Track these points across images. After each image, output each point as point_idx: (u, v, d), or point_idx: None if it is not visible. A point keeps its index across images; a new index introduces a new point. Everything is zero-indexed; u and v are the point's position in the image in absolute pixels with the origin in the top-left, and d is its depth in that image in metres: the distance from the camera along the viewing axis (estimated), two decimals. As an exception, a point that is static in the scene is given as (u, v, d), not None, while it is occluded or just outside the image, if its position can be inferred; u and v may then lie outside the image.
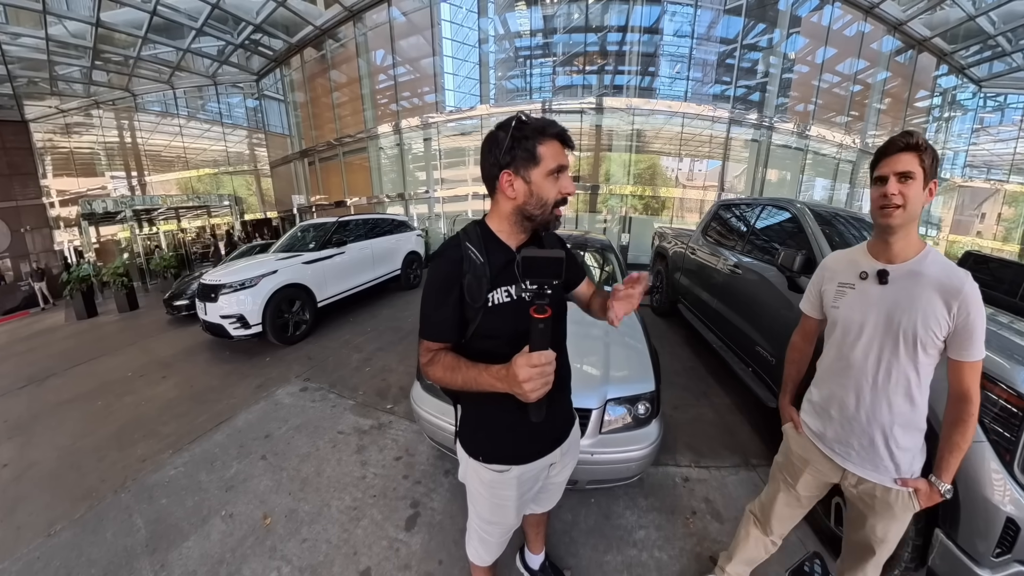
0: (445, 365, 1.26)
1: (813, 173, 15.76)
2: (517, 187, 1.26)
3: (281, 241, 7.77)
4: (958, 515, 1.87)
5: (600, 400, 2.58)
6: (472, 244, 1.29)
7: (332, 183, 18.97)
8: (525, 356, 1.08)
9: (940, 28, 14.54)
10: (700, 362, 5.37)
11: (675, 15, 14.42)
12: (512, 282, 1.32)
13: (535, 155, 1.22)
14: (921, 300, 1.39)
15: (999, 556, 1.78)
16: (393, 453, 3.43)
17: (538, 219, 1.30)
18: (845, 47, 14.96)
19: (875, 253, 1.54)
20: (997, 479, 1.81)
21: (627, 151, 14.63)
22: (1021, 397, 1.83)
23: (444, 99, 15.72)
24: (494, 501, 1.52)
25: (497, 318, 1.29)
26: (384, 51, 15.81)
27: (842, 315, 1.57)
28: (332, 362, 5.40)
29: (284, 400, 4.42)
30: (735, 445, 3.70)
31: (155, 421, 4.17)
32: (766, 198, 5.37)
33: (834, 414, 1.61)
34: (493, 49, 16.52)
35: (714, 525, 2.80)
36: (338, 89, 17.41)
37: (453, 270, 1.27)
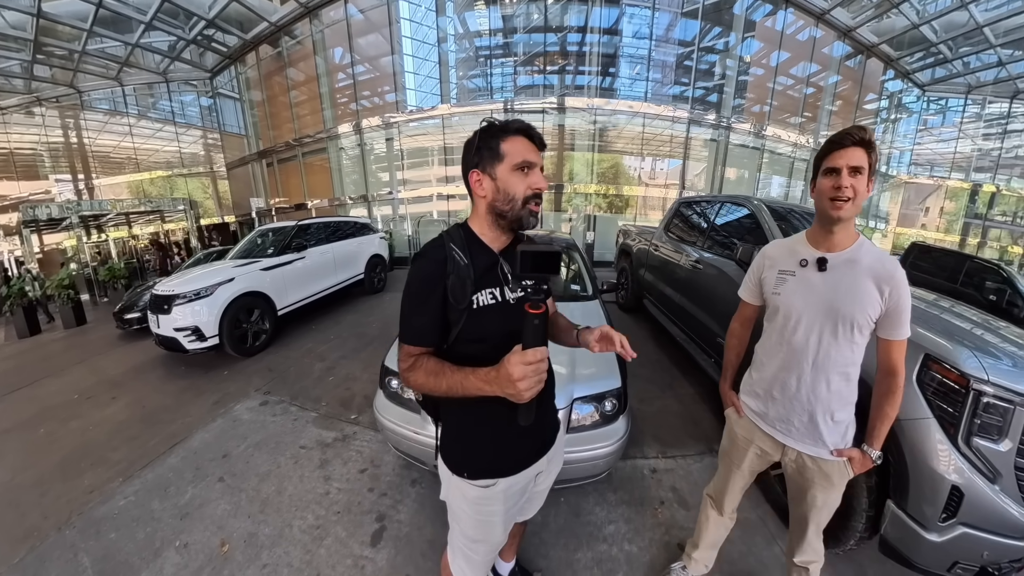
0: (428, 370, 1.21)
1: (770, 171, 16.33)
2: (485, 185, 1.26)
3: (238, 247, 7.40)
4: (907, 486, 2.03)
5: (567, 399, 2.57)
6: (456, 245, 1.27)
7: (292, 185, 18.40)
8: (519, 354, 1.06)
9: (887, 35, 15.34)
10: (665, 355, 5.50)
11: (633, 17, 14.66)
12: (497, 284, 1.30)
13: (499, 152, 1.22)
14: (858, 286, 1.49)
15: (945, 520, 1.94)
16: (358, 465, 3.32)
17: (509, 216, 1.27)
18: (798, 51, 15.50)
19: (814, 242, 1.62)
20: (943, 451, 1.97)
21: (590, 150, 14.84)
22: (963, 376, 1.98)
23: (405, 98, 15.55)
24: (479, 518, 1.45)
25: (482, 321, 1.26)
26: (342, 49, 15.46)
27: (783, 301, 1.64)
28: (294, 373, 5.16)
29: (243, 416, 4.16)
30: (699, 434, 3.82)
31: (104, 447, 3.84)
32: (725, 195, 5.52)
33: (776, 395, 1.69)
34: (453, 48, 16.44)
35: (681, 513, 2.87)
36: (296, 88, 16.92)
37: (436, 271, 1.23)
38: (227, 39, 16.51)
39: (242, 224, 20.90)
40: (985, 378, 1.96)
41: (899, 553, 2.09)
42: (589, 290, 4.21)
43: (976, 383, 1.96)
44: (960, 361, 2.03)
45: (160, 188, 21.21)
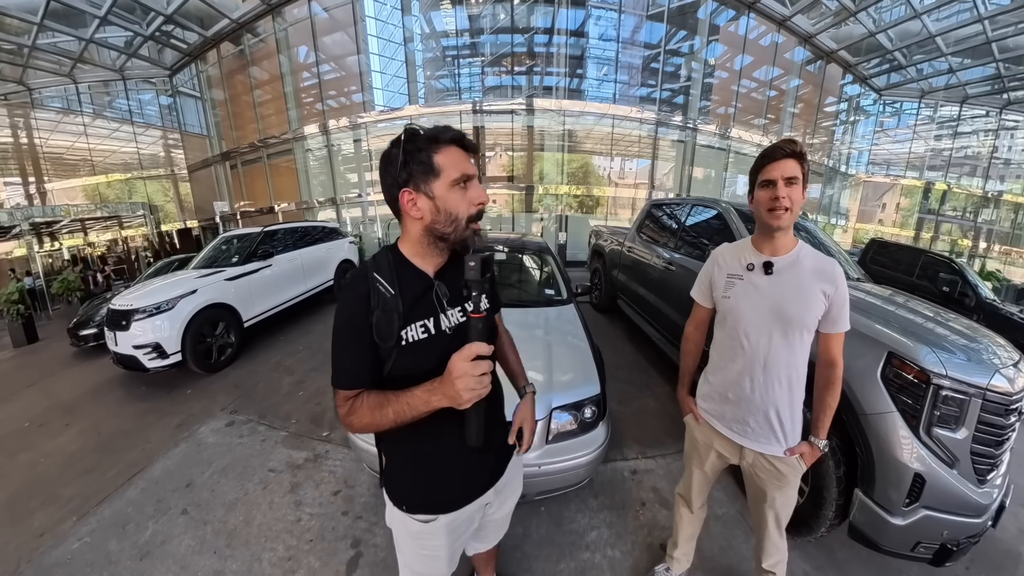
0: (370, 405, 1.11)
1: (735, 171, 16.69)
2: (421, 205, 1.12)
3: (201, 255, 6.97)
4: (874, 475, 2.18)
5: (545, 410, 2.50)
6: (381, 275, 1.15)
7: (257, 188, 17.84)
8: (459, 351, 1.04)
9: (845, 42, 15.93)
10: (641, 355, 5.55)
11: (600, 19, 14.80)
12: (431, 314, 1.19)
13: (433, 166, 1.09)
14: (803, 287, 1.56)
15: (908, 505, 2.09)
16: (331, 487, 3.15)
17: (452, 238, 1.16)
18: (761, 55, 15.91)
19: (759, 247, 1.67)
20: (906, 442, 2.11)
21: (559, 151, 14.88)
22: (923, 371, 2.12)
23: (373, 98, 15.31)
24: (422, 552, 1.39)
25: (414, 357, 1.15)
26: (307, 48, 15.11)
27: (732, 305, 1.68)
28: (262, 388, 4.88)
29: (208, 439, 3.89)
30: (677, 431, 3.75)
31: (56, 482, 3.50)
32: (694, 198, 5.61)
33: (731, 397, 1.73)
34: (420, 48, 16.25)
35: (663, 513, 2.89)
36: (259, 87, 16.44)
37: (360, 307, 1.12)
38: (187, 36, 15.96)
39: (205, 229, 19.79)
40: (944, 373, 2.10)
41: (867, 537, 2.21)
42: (564, 294, 4.16)
43: (936, 378, 2.10)
44: (921, 358, 2.16)
45: (118, 191, 20.30)
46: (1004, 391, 2.15)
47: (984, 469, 2.17)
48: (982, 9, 11.87)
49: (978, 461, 2.15)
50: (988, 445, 2.17)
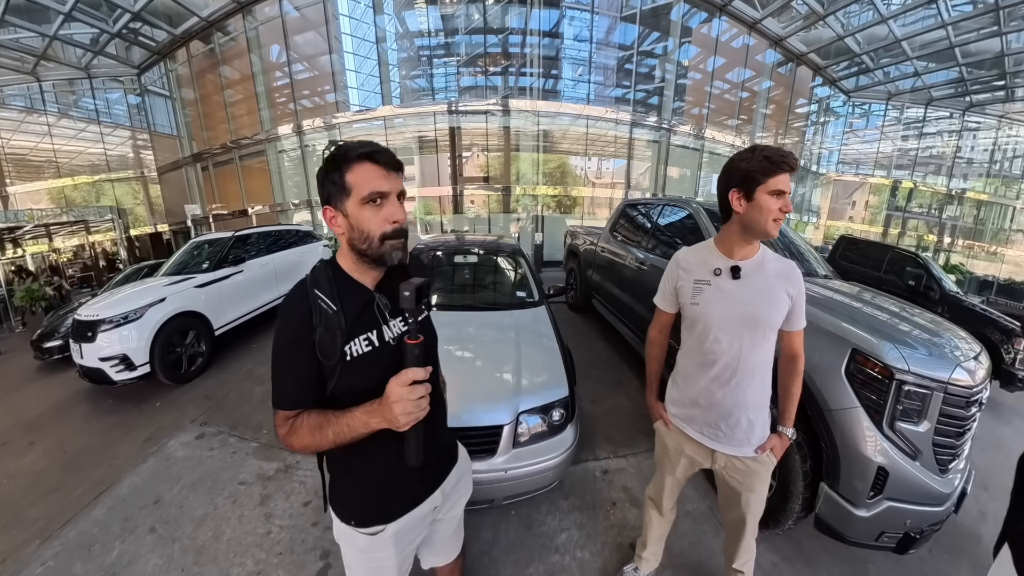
0: (311, 426, 1.09)
1: (710, 170, 16.94)
2: (340, 222, 1.12)
3: (171, 261, 6.68)
4: (839, 469, 2.23)
5: (512, 414, 2.48)
6: (322, 291, 1.13)
7: (229, 190, 17.42)
8: (396, 376, 1.04)
9: (815, 45, 16.26)
10: (614, 353, 5.59)
11: (574, 20, 14.89)
12: (373, 326, 1.19)
13: (344, 185, 1.07)
14: (770, 290, 1.58)
15: (872, 497, 2.14)
16: (301, 498, 3.08)
17: (369, 255, 1.14)
18: (733, 57, 16.17)
19: (727, 251, 1.65)
20: (870, 437, 2.16)
21: (535, 151, 14.89)
22: (887, 367, 2.17)
23: (347, 98, 15.16)
24: (370, 566, 1.36)
25: (358, 372, 1.14)
26: (279, 47, 14.86)
27: (702, 311, 1.65)
28: (233, 399, 4.74)
29: (177, 453, 3.76)
30: (649, 429, 3.73)
31: (19, 504, 3.33)
32: (666, 198, 5.66)
33: (702, 402, 1.73)
34: (394, 47, 16.12)
35: (633, 512, 2.89)
36: (230, 86, 16.09)
37: (301, 325, 1.10)
38: (155, 33, 15.51)
39: (176, 233, 19.32)
40: (906, 368, 2.15)
41: (832, 529, 2.27)
42: (536, 296, 4.13)
43: (899, 373, 2.14)
44: (884, 354, 2.21)
45: (85, 195, 19.54)
46: (965, 384, 2.20)
47: (946, 459, 2.23)
48: (946, 15, 12.24)
49: (940, 452, 2.20)
50: (950, 436, 2.22)
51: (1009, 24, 12.17)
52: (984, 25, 12.64)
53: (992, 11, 11.57)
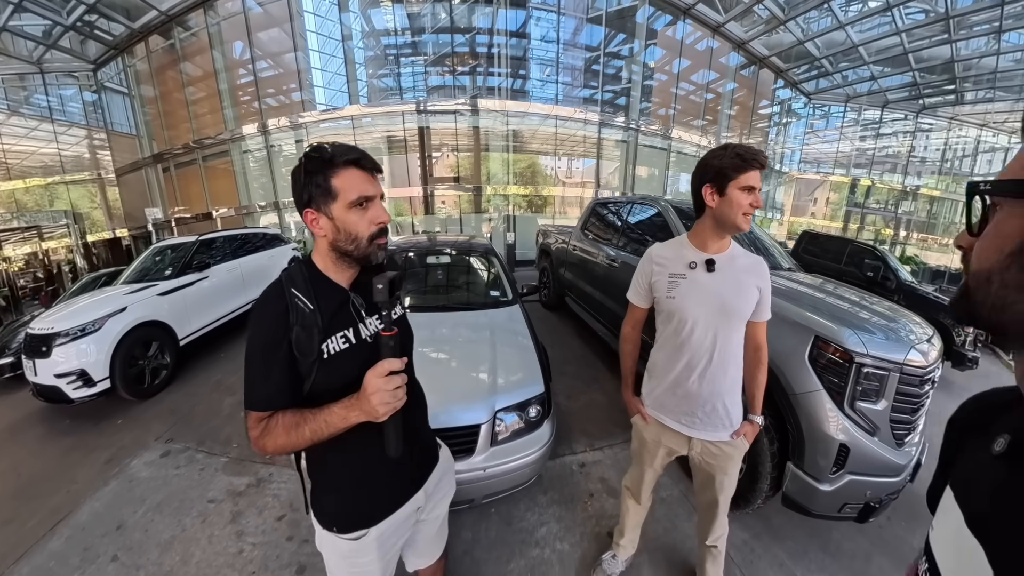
0: (286, 425, 1.08)
1: (677, 169, 17.32)
2: (323, 224, 1.14)
3: (131, 268, 6.27)
4: (803, 449, 2.37)
5: (489, 413, 2.48)
6: (298, 290, 1.14)
7: (192, 192, 16.71)
8: (373, 367, 1.07)
9: (776, 49, 16.74)
10: (589, 350, 5.65)
11: (540, 20, 14.97)
12: (349, 324, 1.20)
13: (330, 189, 1.10)
14: (741, 282, 1.66)
15: (835, 472, 2.30)
16: (274, 512, 2.95)
17: (354, 255, 1.17)
18: (697, 59, 16.50)
19: (701, 246, 1.71)
20: (832, 416, 2.31)
21: (505, 151, 14.91)
22: (847, 352, 2.32)
23: (314, 97, 14.88)
24: (354, 571, 1.35)
25: (335, 369, 1.15)
26: (242, 44, 14.36)
27: (678, 304, 1.70)
28: (200, 412, 4.49)
29: (141, 473, 3.51)
30: (624, 421, 3.88)
31: None
32: (635, 197, 5.75)
33: (679, 392, 1.78)
34: (361, 46, 15.88)
35: (610, 501, 2.95)
36: (192, 84, 15.49)
37: (278, 325, 1.10)
38: (112, 27, 14.84)
39: (136, 239, 18.36)
40: (865, 352, 2.30)
41: (799, 504, 2.41)
42: (509, 295, 4.11)
43: (858, 357, 2.29)
44: (844, 340, 2.35)
45: (38, 198, 18.38)
46: (919, 364, 2.36)
47: (902, 434, 2.40)
48: (900, 23, 12.76)
49: (897, 427, 2.37)
50: (905, 413, 2.39)
51: (958, 32, 12.78)
52: (935, 33, 13.21)
53: (943, 20, 12.10)
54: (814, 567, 2.56)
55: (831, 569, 2.57)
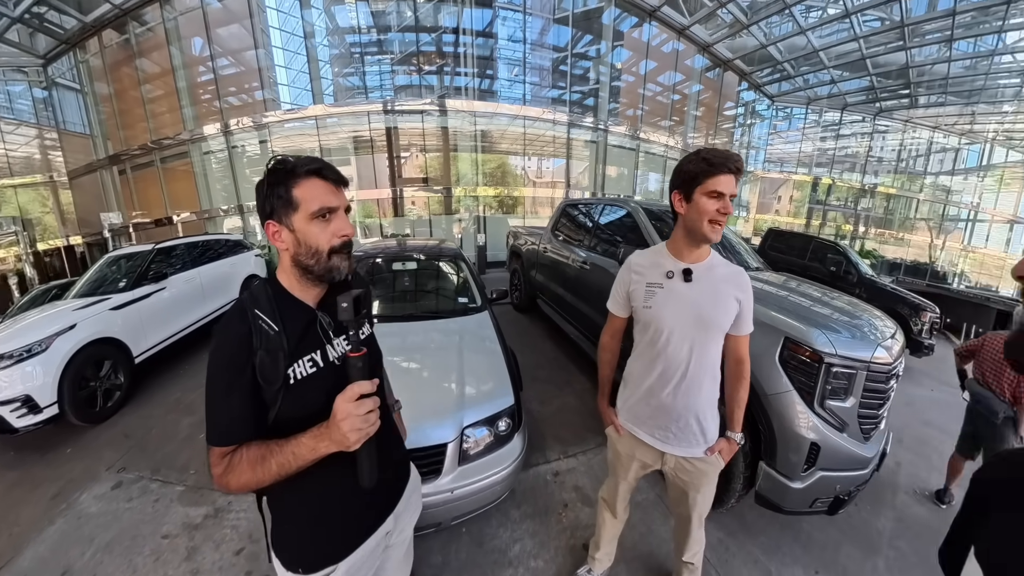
0: (251, 460, 0.99)
1: (646, 169, 17.56)
2: (284, 237, 1.08)
3: (83, 280, 5.83)
4: (776, 448, 2.40)
5: (456, 430, 2.36)
6: (262, 311, 1.07)
7: (151, 196, 15.84)
8: (342, 392, 1.00)
9: (740, 52, 17.10)
10: (561, 352, 5.62)
11: (507, 20, 14.90)
12: (317, 346, 1.14)
13: (291, 200, 1.05)
14: (719, 293, 1.60)
15: (806, 470, 2.34)
16: (233, 546, 2.72)
17: (315, 270, 1.11)
18: (664, 61, 16.71)
19: (678, 254, 1.66)
20: (803, 416, 2.35)
21: (474, 151, 14.81)
22: (816, 352, 2.35)
23: (277, 96, 14.46)
24: None
25: (302, 395, 1.07)
26: (201, 40, 13.79)
27: (655, 314, 1.66)
28: (156, 435, 4.12)
29: (90, 509, 3.17)
30: (597, 425, 3.87)
31: None
32: (606, 198, 5.77)
33: (652, 403, 1.74)
34: (325, 43, 15.45)
35: (585, 511, 2.90)
36: (149, 81, 14.71)
37: (240, 350, 1.02)
38: (64, 20, 14.03)
39: (91, 246, 17.15)
40: (834, 352, 2.34)
41: (771, 502, 2.45)
42: (478, 301, 3.99)
43: (827, 357, 2.33)
44: (813, 340, 2.39)
45: None
46: (885, 361, 2.42)
47: (869, 428, 2.46)
48: (858, 30, 13.17)
49: (864, 422, 2.43)
50: (872, 408, 2.46)
51: (912, 40, 13.30)
52: (891, 40, 13.71)
53: (898, 28, 12.55)
54: (787, 560, 2.61)
55: (803, 561, 2.62)
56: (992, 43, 13.05)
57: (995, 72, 14.87)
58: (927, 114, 20.76)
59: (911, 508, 3.27)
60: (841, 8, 12.35)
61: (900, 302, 6.77)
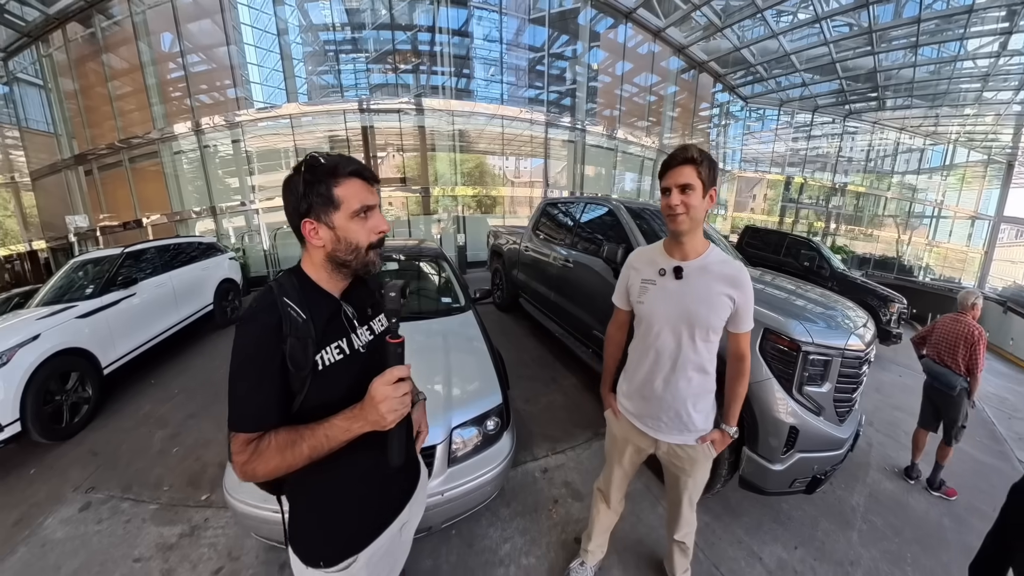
0: (280, 445, 1.00)
1: (624, 169, 17.78)
2: (323, 235, 1.11)
3: (47, 287, 5.56)
4: (757, 434, 2.52)
5: (445, 431, 2.34)
6: (291, 299, 1.08)
7: (119, 197, 15.07)
8: (380, 376, 1.04)
9: (714, 54, 17.38)
10: (546, 350, 5.66)
11: (482, 19, 14.86)
12: (342, 335, 1.17)
13: (333, 199, 1.08)
14: (711, 292, 1.63)
15: (786, 453, 2.47)
16: (211, 565, 2.58)
17: (353, 265, 1.16)
18: (640, 63, 16.88)
19: (670, 252, 1.73)
20: (782, 402, 2.47)
21: (452, 151, 14.73)
22: (794, 341, 2.48)
23: (250, 94, 14.08)
24: None
25: (330, 381, 1.10)
26: (171, 35, 13.24)
27: (646, 309, 1.74)
28: (126, 451, 3.87)
29: (56, 534, 2.92)
30: (585, 420, 3.96)
31: None
32: (586, 197, 5.82)
33: (646, 395, 1.81)
34: (299, 41, 15.12)
35: (575, 506, 2.94)
36: (117, 77, 14.04)
37: (271, 337, 1.03)
38: (25, 12, 13.40)
39: (56, 251, 16.36)
40: (810, 340, 2.47)
41: (754, 485, 2.59)
42: (461, 301, 3.99)
43: (804, 346, 2.45)
44: (791, 330, 2.50)
45: None
46: (858, 348, 2.57)
47: (844, 411, 2.61)
48: (828, 34, 13.52)
49: (839, 406, 2.56)
50: (847, 392, 2.59)
51: (880, 45, 13.70)
52: (860, 45, 14.09)
53: (866, 33, 12.89)
54: (768, 538, 2.74)
55: (783, 538, 2.75)
56: (955, 49, 13.52)
57: (957, 77, 15.43)
58: (894, 116, 21.47)
59: (881, 484, 3.51)
60: (811, 13, 12.65)
61: (870, 294, 7.15)
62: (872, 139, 23.69)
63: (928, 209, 26.30)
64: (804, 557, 2.62)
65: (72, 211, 14.77)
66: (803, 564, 2.58)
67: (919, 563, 2.68)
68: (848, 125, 22.48)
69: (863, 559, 2.67)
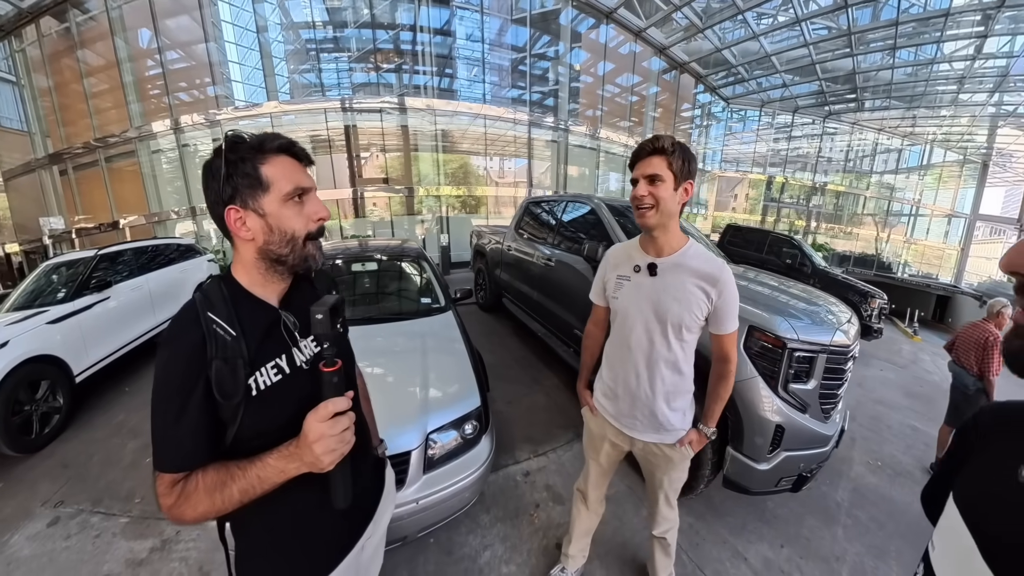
0: (209, 487, 0.86)
1: (607, 168, 17.82)
2: (252, 224, 0.94)
3: (17, 291, 5.27)
4: (742, 433, 2.47)
5: (420, 436, 2.23)
6: (217, 313, 0.92)
7: (96, 198, 14.69)
8: (314, 411, 0.89)
9: (696, 55, 17.52)
10: (528, 350, 5.61)
11: (464, 19, 14.80)
12: (282, 350, 1.00)
13: (260, 179, 0.92)
14: (685, 289, 1.57)
15: (771, 452, 2.43)
16: None
17: (290, 260, 0.99)
18: (621, 63, 16.97)
19: (645, 248, 1.69)
20: (767, 400, 2.42)
21: (435, 151, 14.64)
22: (779, 339, 2.43)
23: (231, 92, 13.86)
24: None
25: (268, 406, 0.94)
26: (149, 31, 12.96)
27: (620, 305, 1.72)
28: (98, 463, 3.70)
29: (23, 551, 2.77)
30: (567, 421, 3.92)
31: None
32: (568, 195, 5.79)
33: (620, 392, 1.78)
34: (280, 39, 14.89)
35: (557, 510, 2.88)
36: (93, 74, 13.66)
37: (191, 363, 0.88)
38: None
39: (29, 254, 15.65)
40: (796, 337, 2.43)
41: (739, 485, 2.54)
42: (441, 301, 3.91)
43: (790, 343, 2.41)
44: (776, 327, 2.47)
45: None
46: (843, 344, 2.54)
47: (829, 408, 2.57)
48: (807, 36, 13.71)
49: (824, 403, 2.53)
50: (832, 389, 2.56)
51: (858, 48, 13.94)
52: (839, 47, 14.33)
53: (845, 35, 13.12)
54: (754, 538, 2.71)
55: (769, 537, 2.73)
56: (931, 52, 13.74)
57: (934, 79, 15.75)
58: (873, 117, 21.86)
59: (865, 479, 3.52)
60: (791, 16, 12.78)
61: (851, 290, 7.31)
62: (851, 139, 24.10)
63: (906, 208, 26.92)
64: (790, 556, 2.61)
65: (47, 212, 14.44)
66: (789, 563, 2.56)
67: (903, 556, 2.69)
68: (828, 126, 22.82)
69: (848, 554, 2.67)
